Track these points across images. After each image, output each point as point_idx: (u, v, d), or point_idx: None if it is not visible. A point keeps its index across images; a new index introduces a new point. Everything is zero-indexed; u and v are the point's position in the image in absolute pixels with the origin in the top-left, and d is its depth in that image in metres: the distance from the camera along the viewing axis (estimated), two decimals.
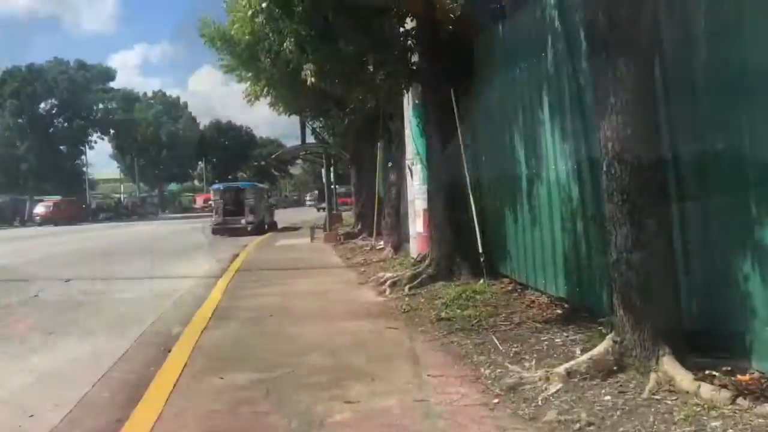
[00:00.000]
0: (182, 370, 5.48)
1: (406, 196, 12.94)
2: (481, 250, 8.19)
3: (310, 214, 53.49)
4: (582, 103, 5.71)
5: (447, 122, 8.67)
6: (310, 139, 22.28)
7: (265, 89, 17.02)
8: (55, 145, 60.41)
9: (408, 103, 10.68)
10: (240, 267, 13.30)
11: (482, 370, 4.91)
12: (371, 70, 9.03)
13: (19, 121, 56.93)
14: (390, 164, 13.34)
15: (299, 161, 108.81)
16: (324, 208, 62.18)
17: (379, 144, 15.63)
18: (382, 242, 14.20)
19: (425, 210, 10.04)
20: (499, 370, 4.81)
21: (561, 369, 4.40)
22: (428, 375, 4.87)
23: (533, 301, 6.96)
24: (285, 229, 28.80)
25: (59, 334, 7.63)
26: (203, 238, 24.91)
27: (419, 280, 8.68)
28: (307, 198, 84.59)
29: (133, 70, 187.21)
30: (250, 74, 16.94)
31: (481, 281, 8.07)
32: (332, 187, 19.18)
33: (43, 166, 57.98)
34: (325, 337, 6.45)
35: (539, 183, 6.79)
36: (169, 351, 6.34)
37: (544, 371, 4.47)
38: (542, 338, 5.51)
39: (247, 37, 15.87)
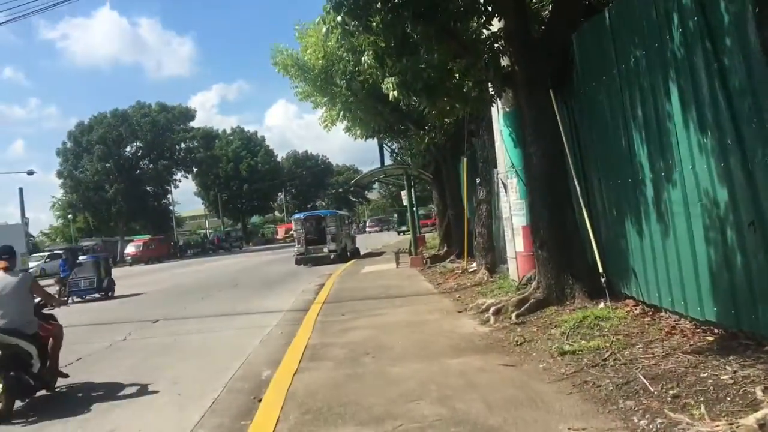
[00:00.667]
0: (275, 426, 4.81)
1: (498, 214, 12.05)
2: (601, 269, 7.18)
3: (386, 237, 53.14)
4: (726, 87, 4.72)
5: (547, 127, 7.77)
6: (389, 161, 21.79)
7: (341, 113, 16.65)
8: (141, 186, 62.89)
9: (497, 112, 9.83)
10: (327, 298, 12.73)
11: (636, 420, 3.97)
12: (458, 78, 8.29)
13: (107, 165, 59.57)
14: (478, 181, 12.49)
15: (375, 186, 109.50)
16: (404, 232, 62.36)
17: (463, 160, 14.81)
18: (474, 264, 13.30)
19: (526, 227, 9.11)
20: (659, 420, 3.86)
21: (751, 420, 3.41)
22: (569, 429, 3.97)
23: (673, 327, 5.89)
24: (368, 255, 28.31)
25: (144, 382, 7.19)
26: (287, 269, 24.74)
27: (527, 305, 7.74)
28: (367, 224, 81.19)
29: (211, 110, 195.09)
30: (325, 99, 16.62)
31: (602, 305, 7.06)
32: (414, 208, 18.45)
33: (132, 207, 60.40)
34: (431, 378, 5.64)
35: (671, 187, 5.77)
36: (260, 400, 5.72)
37: (725, 423, 3.49)
38: (702, 375, 4.48)
39: (320, 61, 15.59)
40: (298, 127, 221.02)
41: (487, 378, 5.46)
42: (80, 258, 20.83)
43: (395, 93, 8.13)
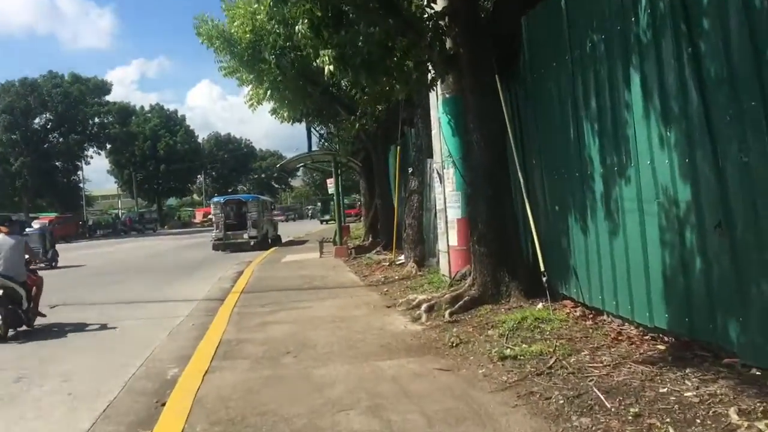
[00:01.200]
0: None
1: (429, 206, 11.61)
2: (543, 267, 6.79)
3: (308, 226, 52.20)
4: (700, 75, 4.34)
5: (491, 114, 7.31)
6: (316, 147, 20.95)
7: (269, 92, 15.74)
8: (50, 160, 58.85)
9: (436, 98, 9.33)
10: (245, 287, 11.91)
11: None
12: (399, 57, 7.69)
13: (13, 136, 55.34)
14: (410, 170, 11.98)
15: (300, 173, 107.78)
16: (327, 221, 61.53)
17: (395, 148, 14.28)
18: (402, 257, 12.81)
19: (461, 220, 8.66)
20: None
21: None
22: None
23: (619, 333, 5.54)
24: (290, 243, 27.42)
25: (30, 377, 6.25)
26: (204, 255, 23.54)
27: (461, 303, 7.28)
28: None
29: (130, 86, 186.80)
30: (252, 76, 15.66)
31: (540, 305, 6.68)
32: (340, 197, 17.77)
33: (39, 183, 56.54)
34: (361, 383, 5.05)
35: (624, 183, 5.40)
36: (163, 404, 4.97)
37: None
38: (661, 390, 4.08)
39: (248, 35, 14.61)
40: (222, 109, 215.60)
41: (423, 385, 4.91)
42: (26, 230, 21.25)
43: (331, 68, 7.42)
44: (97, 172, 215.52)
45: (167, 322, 8.91)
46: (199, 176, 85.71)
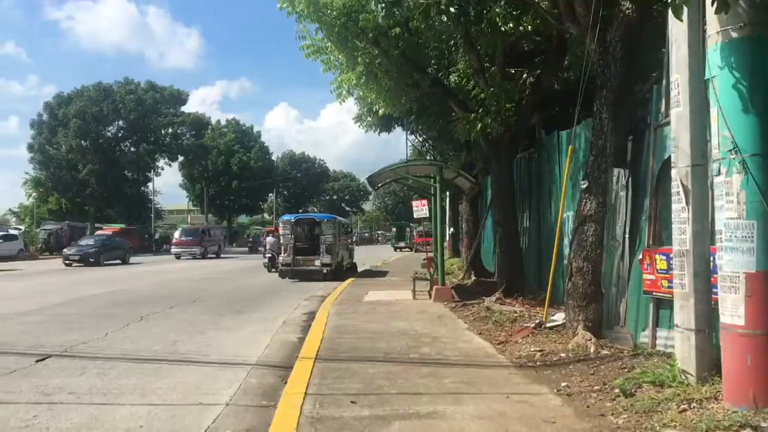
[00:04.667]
0: None
1: (611, 242, 7.40)
2: None
3: (382, 253, 48.24)
4: None
5: None
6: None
7: (363, 78, 11.90)
8: (119, 169, 56.89)
9: (700, 45, 5.13)
10: (320, 347, 7.94)
11: None
12: None
13: (84, 143, 53.76)
14: (584, 185, 7.73)
15: (371, 197, 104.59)
16: (402, 248, 57.40)
17: (551, 146, 10.11)
18: (557, 316, 8.51)
19: (754, 275, 4.39)
20: None
21: None
22: None
23: None
24: (367, 273, 23.46)
25: None
26: (266, 281, 19.88)
27: None
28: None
29: (211, 106, 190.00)
30: (341, 54, 11.86)
31: None
32: (442, 220, 13.52)
33: (107, 192, 54.90)
34: None
35: None
36: None
37: None
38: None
39: None
40: (297, 132, 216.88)
41: None
42: None
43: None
44: (169, 186, 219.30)
45: (190, 419, 5.03)
46: (270, 194, 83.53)
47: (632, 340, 6.93)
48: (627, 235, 7.45)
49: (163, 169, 63.13)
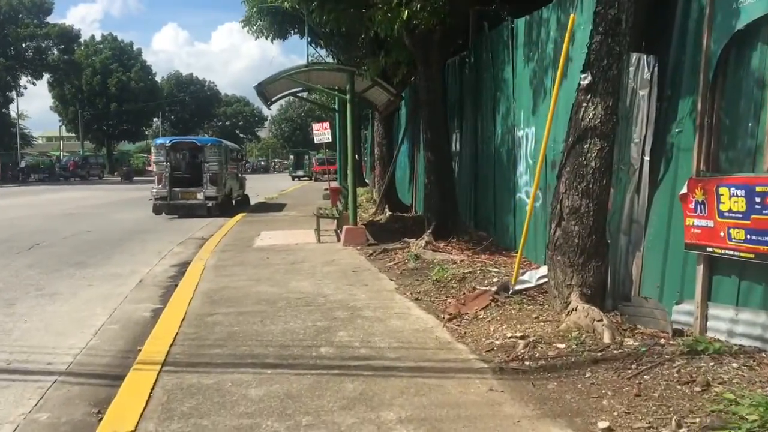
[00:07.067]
0: None
1: (625, 168, 4.89)
2: None
3: (279, 182, 44.74)
4: None
5: None
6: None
7: None
8: None
9: None
10: (177, 338, 5.03)
11: None
12: None
13: None
14: (585, 79, 5.06)
15: (266, 123, 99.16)
16: (300, 177, 53.85)
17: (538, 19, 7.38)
18: (531, 274, 5.97)
19: None
20: None
21: None
22: None
23: None
24: (262, 207, 20.32)
25: None
26: (138, 219, 16.34)
27: None
28: None
29: (92, 24, 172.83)
30: None
31: None
32: (353, 142, 10.48)
33: None
34: None
35: None
36: None
37: None
38: None
39: None
40: (188, 55, 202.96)
41: None
42: None
43: None
44: (43, 112, 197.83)
45: None
46: (155, 119, 76.51)
47: (668, 320, 4.48)
48: (646, 157, 4.92)
49: (26, 88, 55.29)
